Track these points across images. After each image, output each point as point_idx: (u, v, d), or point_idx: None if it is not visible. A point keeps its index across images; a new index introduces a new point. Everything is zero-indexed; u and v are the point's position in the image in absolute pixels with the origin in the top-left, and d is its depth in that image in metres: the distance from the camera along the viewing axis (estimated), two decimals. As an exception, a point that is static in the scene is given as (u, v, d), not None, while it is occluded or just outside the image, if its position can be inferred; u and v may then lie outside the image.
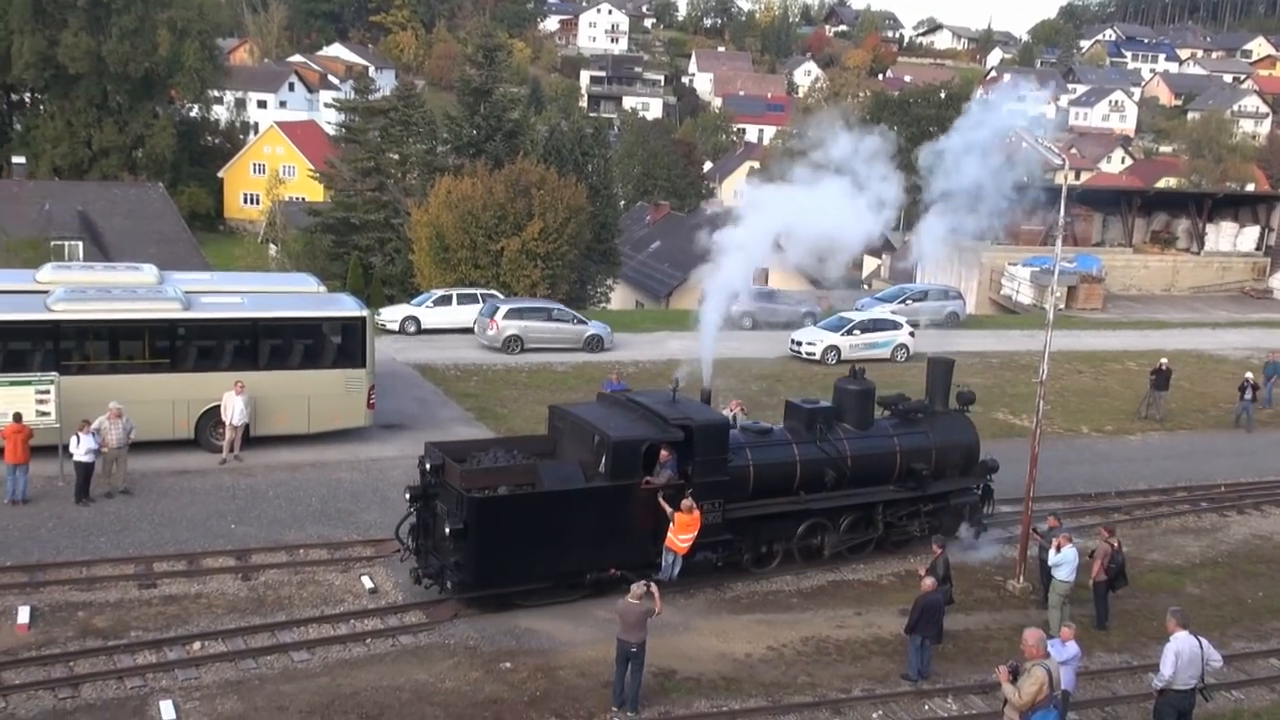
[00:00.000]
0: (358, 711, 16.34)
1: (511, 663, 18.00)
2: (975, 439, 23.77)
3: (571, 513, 19.33)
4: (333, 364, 27.48)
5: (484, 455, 20.23)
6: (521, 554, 19.08)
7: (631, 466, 19.67)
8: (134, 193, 63.18)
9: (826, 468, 21.85)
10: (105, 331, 26.03)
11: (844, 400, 22.98)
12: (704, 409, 21.41)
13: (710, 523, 20.12)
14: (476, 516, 18.60)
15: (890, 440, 22.88)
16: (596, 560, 19.68)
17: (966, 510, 23.37)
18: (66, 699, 16.22)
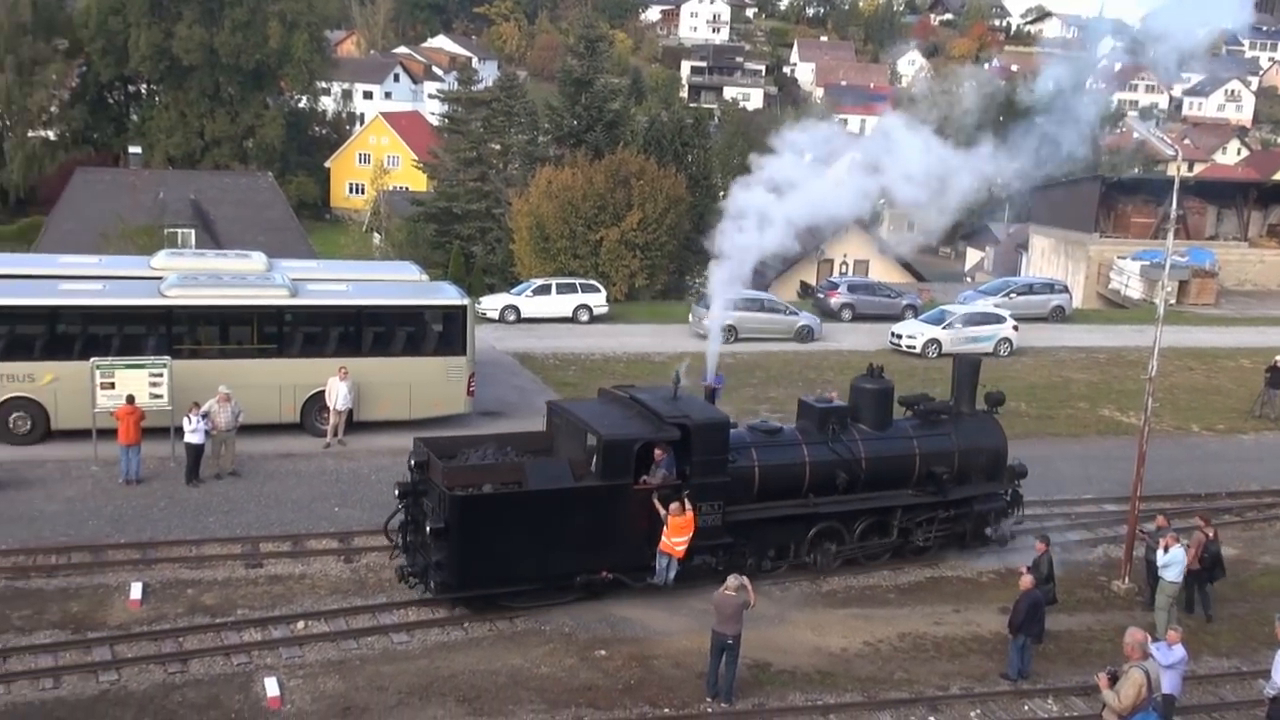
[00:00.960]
0: (455, 694, 16.57)
1: (606, 650, 18.09)
2: (1003, 442, 22.60)
3: (560, 513, 18.62)
4: (434, 351, 27.88)
5: (474, 452, 19.61)
6: (506, 554, 18.39)
7: (624, 466, 18.83)
8: (244, 182, 64.66)
9: (838, 470, 20.87)
10: (215, 317, 26.71)
11: (860, 399, 22.02)
12: (705, 407, 20.49)
13: (709, 525, 19.34)
14: (458, 515, 17.98)
15: (909, 442, 21.81)
16: (588, 562, 18.92)
17: (991, 517, 22.21)
18: (176, 673, 16.72)
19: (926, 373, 37.43)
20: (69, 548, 20.52)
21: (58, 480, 23.70)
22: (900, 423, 22.28)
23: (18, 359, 25.20)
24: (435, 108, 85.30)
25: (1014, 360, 39.91)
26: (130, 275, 28.36)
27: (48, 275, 27.77)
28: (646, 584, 19.16)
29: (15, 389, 25.17)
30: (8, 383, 25.10)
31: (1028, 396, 34.76)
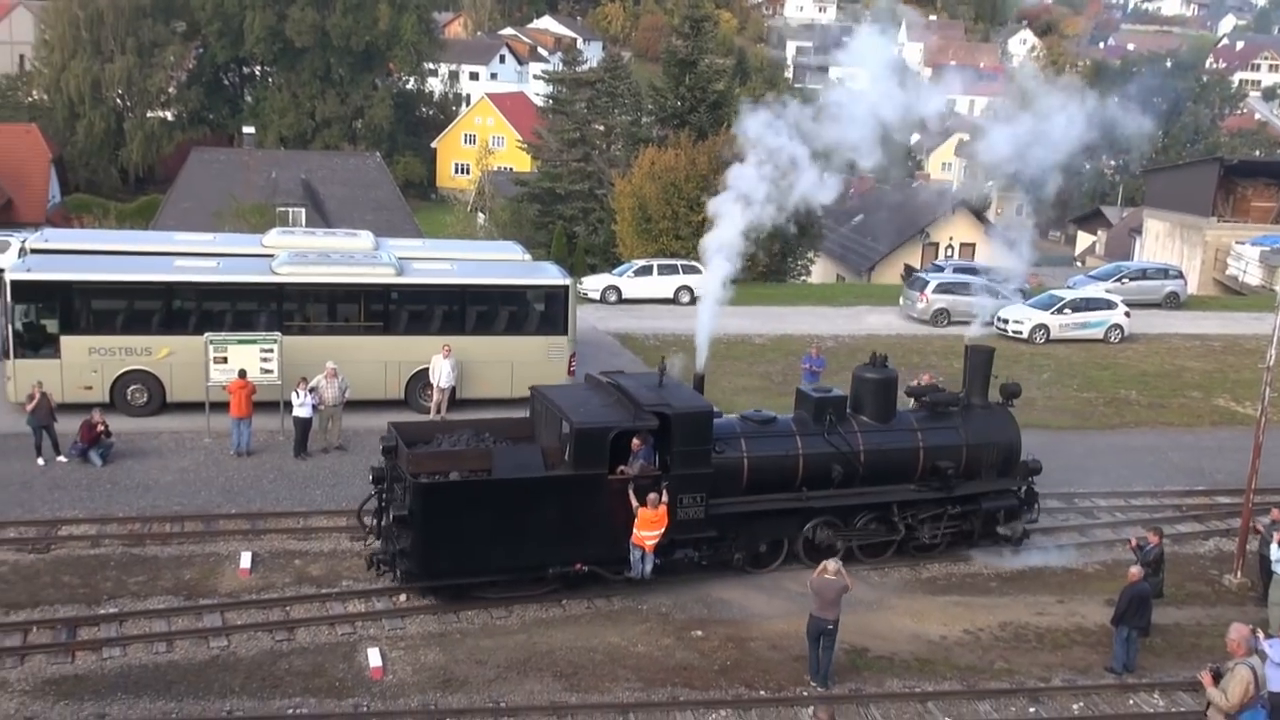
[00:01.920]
0: (552, 669, 16.75)
1: (703, 631, 18.13)
2: (1016, 437, 21.49)
3: (530, 502, 17.99)
4: (536, 331, 28.14)
5: (447, 438, 19.21)
6: (473, 544, 17.85)
7: (598, 455, 18.09)
8: (353, 162, 65.86)
9: (834, 463, 19.92)
10: (324, 294, 27.27)
11: (862, 389, 21.02)
12: (689, 395, 19.63)
13: (691, 518, 18.70)
14: (422, 503, 17.53)
15: (912, 435, 20.75)
16: (561, 554, 18.28)
17: (1001, 515, 21.09)
18: (282, 641, 17.16)
19: (1032, 359, 36.73)
20: (182, 517, 21.18)
21: (172, 451, 24.45)
22: (905, 414, 21.31)
23: (136, 333, 26.02)
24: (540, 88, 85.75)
25: (1125, 347, 38.93)
26: (243, 253, 29.10)
27: (164, 252, 28.60)
28: (625, 578, 18.53)
29: (133, 362, 26.00)
30: (126, 356, 25.93)
31: (1139, 385, 33.90)
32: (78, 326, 25.78)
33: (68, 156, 76.93)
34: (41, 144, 65.26)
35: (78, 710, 15.15)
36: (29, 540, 19.89)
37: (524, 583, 18.56)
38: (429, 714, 15.44)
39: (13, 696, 15.37)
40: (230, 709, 15.37)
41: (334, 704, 15.63)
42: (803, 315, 42.40)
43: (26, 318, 25.75)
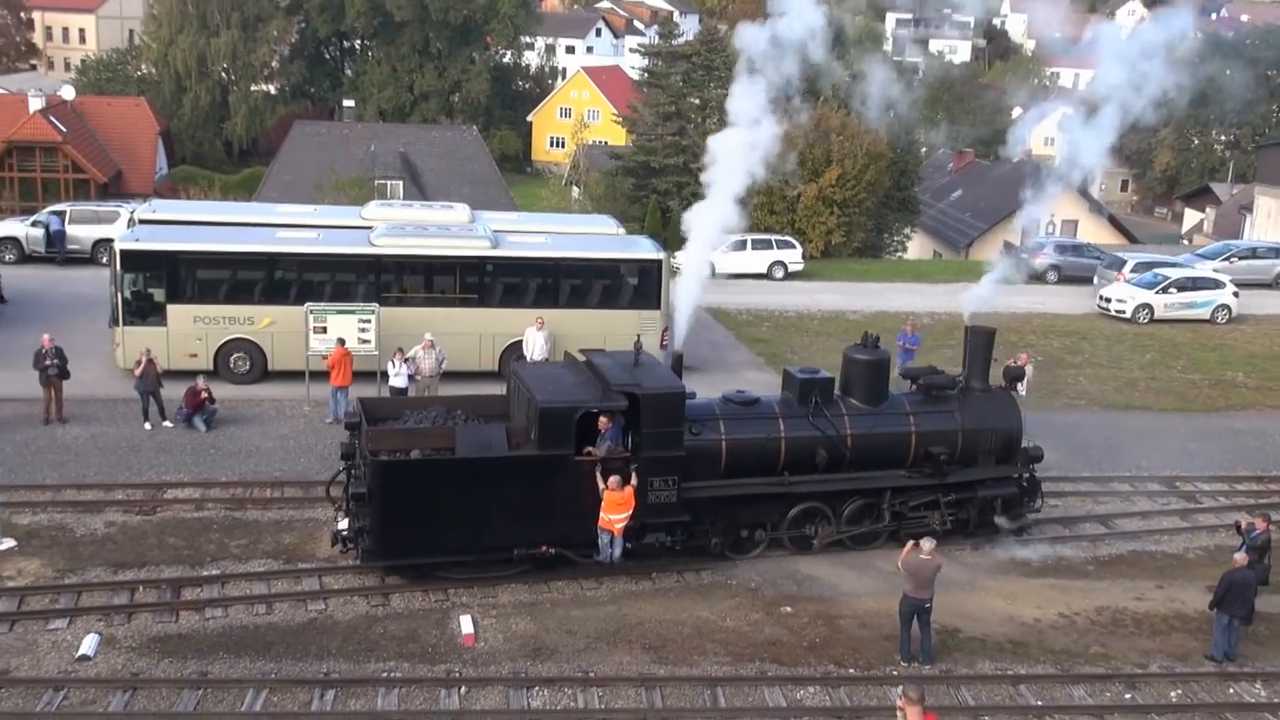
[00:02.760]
0: (641, 641, 16.85)
1: (792, 608, 18.09)
2: (1017, 423, 20.55)
3: (493, 483, 17.56)
4: (629, 304, 28.21)
5: (416, 415, 18.88)
6: (434, 524, 17.46)
7: (563, 436, 17.59)
8: (450, 135, 66.40)
9: (818, 447, 19.20)
10: (421, 266, 27.62)
11: (851, 371, 20.24)
12: (663, 375, 18.97)
13: (660, 502, 18.16)
14: (381, 481, 17.17)
15: (904, 419, 19.99)
16: (526, 536, 17.87)
17: (998, 504, 20.31)
18: (378, 606, 17.50)
19: (1136, 339, 35.90)
20: (282, 482, 21.67)
21: (273, 418, 25.00)
22: (898, 397, 20.45)
23: (239, 303, 26.62)
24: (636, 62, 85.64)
25: (1232, 328, 37.84)
26: (342, 225, 29.56)
27: (267, 224, 29.17)
28: (594, 561, 18.10)
29: (236, 331, 26.61)
30: (229, 325, 26.55)
31: (1246, 366, 32.94)
32: (183, 295, 26.46)
33: (175, 129, 78.70)
34: (150, 117, 66.89)
35: (181, 667, 15.63)
36: (136, 502, 20.52)
37: (492, 564, 18.13)
38: (519, 681, 15.64)
39: (120, 653, 15.90)
40: (327, 671, 15.72)
41: (427, 669, 15.91)
42: (898, 291, 41.94)
43: (135, 286, 26.49)
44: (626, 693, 15.57)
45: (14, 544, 18.73)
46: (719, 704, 15.41)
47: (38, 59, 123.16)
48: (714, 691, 15.64)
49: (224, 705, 14.84)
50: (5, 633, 16.21)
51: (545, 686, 15.57)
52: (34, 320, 30.23)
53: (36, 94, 62.09)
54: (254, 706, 14.78)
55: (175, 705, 14.76)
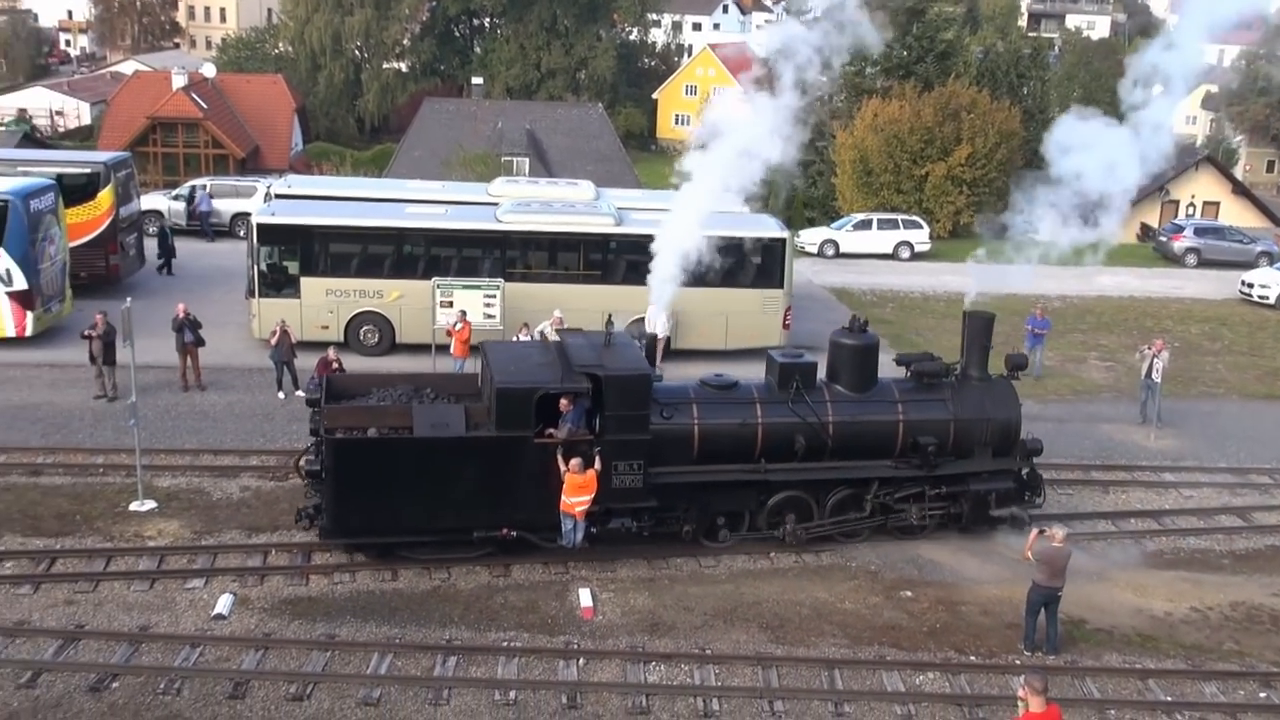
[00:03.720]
0: (758, 620, 16.84)
1: (912, 592, 17.88)
2: (1015, 414, 19.44)
3: (450, 464, 17.18)
4: (752, 283, 28.11)
5: (382, 392, 18.53)
6: (390, 504, 17.13)
7: (521, 417, 17.09)
8: (575, 112, 66.84)
9: (797, 434, 18.40)
10: (546, 243, 27.89)
11: (838, 356, 19.36)
12: (631, 358, 18.18)
13: (625, 487, 17.63)
14: (334, 459, 16.92)
15: (891, 407, 19.00)
16: (486, 519, 17.48)
17: (993, 499, 19.22)
18: (499, 577, 17.79)
19: (1279, 327, 34.55)
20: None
21: (400, 390, 25.49)
22: (888, 384, 19.42)
23: (369, 276, 27.22)
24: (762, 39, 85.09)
25: (1385, 316, 36.22)
26: (470, 201, 29.98)
27: (397, 199, 29.74)
28: (557, 546, 17.67)
29: (366, 304, 27.23)
30: (360, 298, 27.17)
31: (1399, 357, 31.50)
32: (316, 269, 27.15)
33: (309, 106, 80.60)
34: (286, 94, 68.66)
35: (310, 629, 16.11)
36: (269, 469, 21.17)
37: (455, 545, 17.81)
38: (636, 656, 15.75)
39: (253, 613, 16.45)
40: (449, 638, 16.04)
41: (546, 639, 16.13)
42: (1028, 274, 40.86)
43: (270, 259, 27.27)
44: (743, 671, 15.58)
45: (155, 505, 19.51)
46: (836, 686, 15.32)
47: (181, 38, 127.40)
48: (831, 673, 15.56)
49: (350, 667, 15.25)
50: (146, 590, 16.89)
51: (662, 662, 15.67)
52: (175, 290, 31.35)
53: (179, 72, 64.22)
54: (379, 669, 15.16)
55: (304, 665, 15.22)
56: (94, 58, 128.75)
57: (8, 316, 26.89)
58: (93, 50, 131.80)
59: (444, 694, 14.74)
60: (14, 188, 27.14)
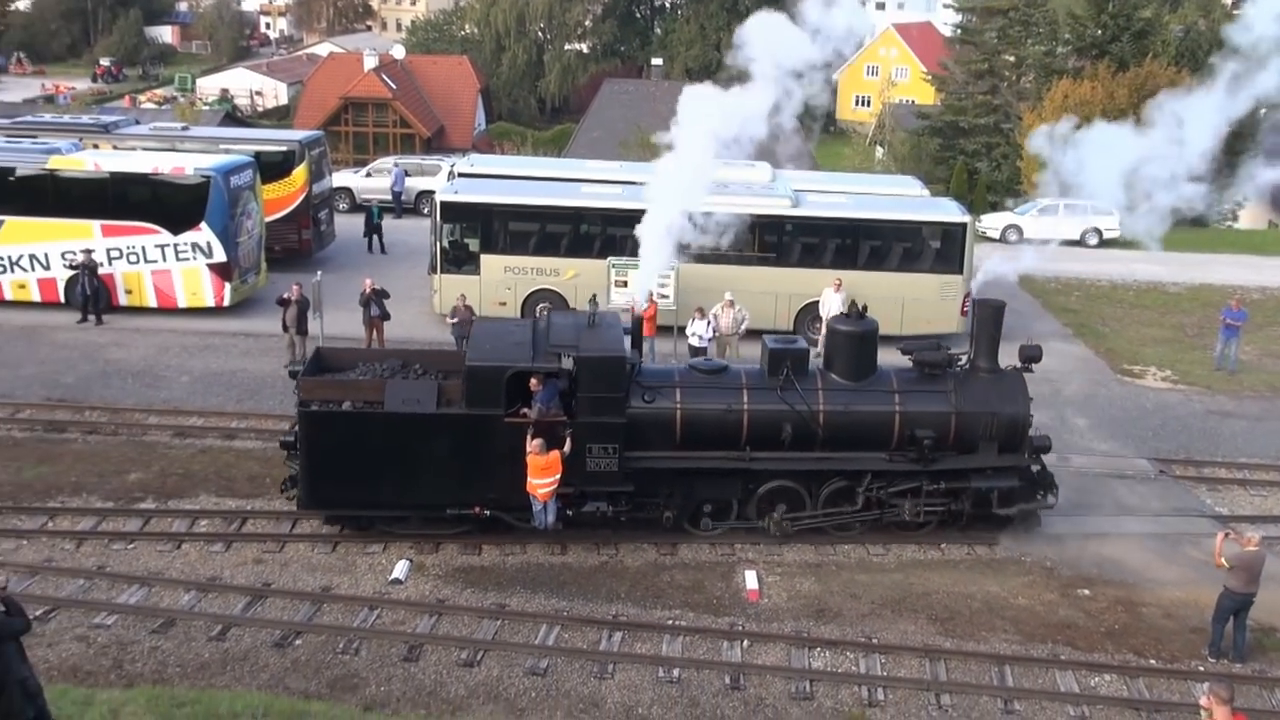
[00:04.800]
0: (927, 612, 16.56)
1: (1090, 590, 17.31)
2: (1024, 408, 18.41)
3: (420, 440, 17.15)
4: (930, 268, 27.55)
5: (368, 366, 18.48)
6: (360, 478, 17.24)
7: (490, 395, 16.97)
8: (754, 93, 66.42)
9: (784, 422, 17.78)
10: (720, 224, 27.79)
11: (833, 344, 18.66)
12: (610, 339, 17.79)
13: (599, 470, 17.31)
14: (306, 431, 17.18)
15: (888, 397, 18.18)
16: (458, 496, 17.44)
17: (995, 497, 18.29)
18: (666, 555, 17.96)
19: None
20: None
21: (574, 367, 25.86)
22: (886, 374, 18.59)
23: (547, 254, 27.67)
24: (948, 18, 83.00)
25: None
26: (646, 181, 30.09)
27: (575, 179, 30.12)
28: (529, 527, 17.54)
29: (542, 282, 27.69)
30: (536, 276, 27.65)
31: None
32: (496, 246, 27.74)
33: (493, 86, 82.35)
34: (471, 75, 70.28)
35: (481, 598, 16.53)
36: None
37: (431, 521, 17.88)
38: (801, 641, 15.68)
39: (429, 580, 16.97)
40: (616, 613, 16.25)
41: (711, 620, 16.19)
42: (1225, 264, 39.08)
43: (452, 236, 27.98)
44: (910, 662, 15.35)
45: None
46: (1006, 682, 14.96)
47: (373, 20, 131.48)
48: (1001, 669, 15.19)
49: (519, 637, 15.60)
50: (328, 553, 17.60)
51: (827, 648, 15.56)
52: (361, 265, 32.48)
53: (371, 54, 66.38)
54: (546, 640, 15.47)
55: (475, 632, 15.64)
56: (292, 40, 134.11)
57: (207, 287, 28.30)
58: (291, 33, 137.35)
59: (609, 668, 14.95)
60: (215, 165, 28.50)
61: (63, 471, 19.88)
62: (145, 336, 26.94)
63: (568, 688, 14.60)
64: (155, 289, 28.28)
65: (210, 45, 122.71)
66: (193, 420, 22.39)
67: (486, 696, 14.39)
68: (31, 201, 28.05)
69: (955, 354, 18.82)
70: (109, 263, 27.89)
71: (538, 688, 14.58)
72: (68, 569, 16.83)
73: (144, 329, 27.33)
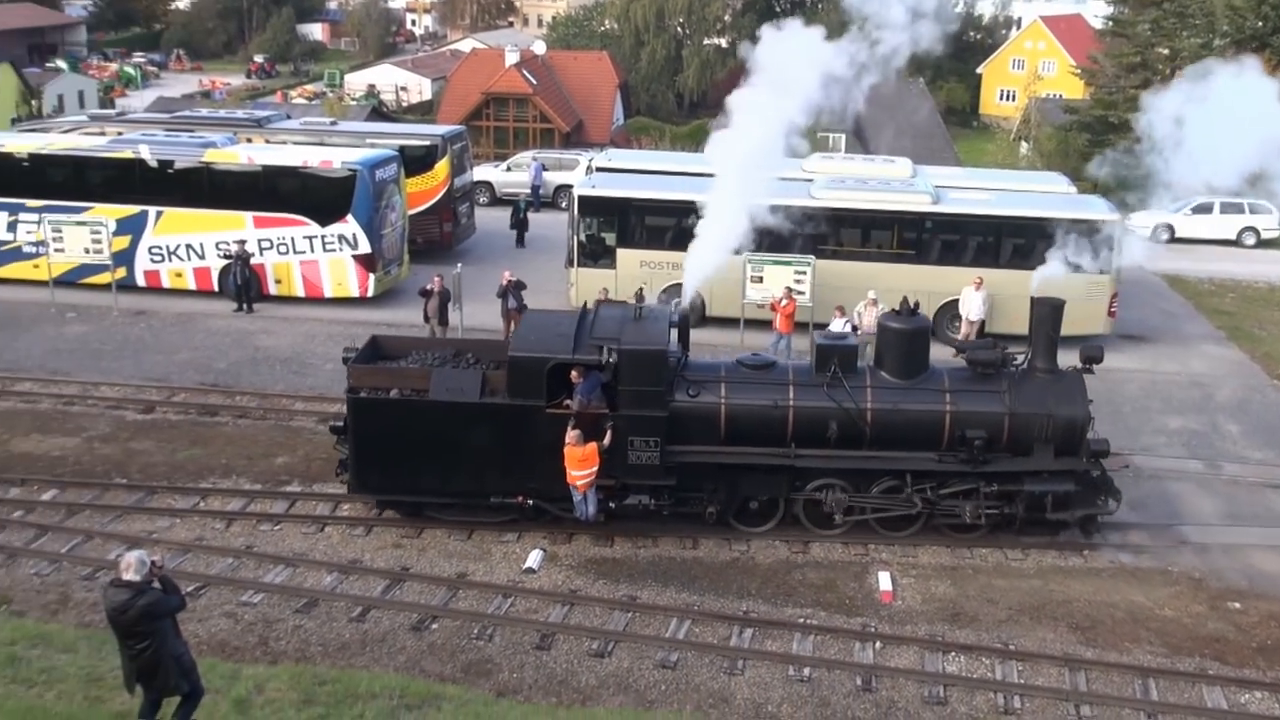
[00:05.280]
0: (1068, 620, 16.13)
1: (1241, 604, 16.67)
2: (1082, 411, 17.69)
3: (464, 428, 17.33)
4: (1075, 267, 26.73)
5: (425, 355, 18.65)
6: (405, 464, 17.56)
7: (532, 386, 17.09)
8: (896, 87, 65.54)
9: (830, 420, 17.45)
10: (859, 220, 27.54)
11: (884, 341, 18.25)
12: (653, 332, 17.64)
13: (641, 463, 17.24)
14: (354, 417, 17.53)
15: (938, 397, 17.69)
16: (501, 485, 17.63)
17: (1049, 501, 17.59)
18: (797, 553, 17.86)
19: None
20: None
21: (708, 362, 25.83)
22: (938, 372, 18.16)
23: (682, 249, 27.51)
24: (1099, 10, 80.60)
25: None
26: (784, 176, 29.90)
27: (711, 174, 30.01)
28: (572, 517, 17.65)
29: (678, 276, 27.55)
30: (672, 270, 27.65)
31: None
32: (632, 240, 27.89)
33: (631, 82, 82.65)
34: (611, 70, 70.68)
35: (613, 589, 16.66)
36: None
37: (478, 510, 18.03)
38: (935, 644, 15.43)
39: (561, 570, 17.17)
40: (746, 609, 16.22)
41: (843, 620, 16.05)
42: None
43: (589, 230, 28.20)
44: (1048, 671, 14.98)
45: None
46: (1150, 696, 14.49)
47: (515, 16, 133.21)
48: (1145, 682, 14.72)
49: (650, 629, 15.67)
50: (464, 540, 17.92)
51: (962, 653, 15.28)
52: (500, 257, 32.98)
53: (512, 49, 67.26)
54: (677, 634, 15.51)
55: (606, 623, 15.76)
56: (436, 36, 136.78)
57: (352, 277, 29.07)
58: (435, 29, 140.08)
59: (739, 664, 14.93)
60: (362, 159, 29.25)
61: (214, 454, 20.65)
62: (292, 325, 27.80)
63: (697, 682, 14.62)
64: (303, 279, 29.16)
65: (358, 42, 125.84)
66: (337, 407, 22.99)
67: (617, 687, 14.49)
68: (188, 193, 29.18)
69: (1012, 353, 18.45)
70: (260, 253, 28.85)
71: (667, 680, 14.63)
72: (217, 548, 17.48)
73: (291, 317, 28.22)
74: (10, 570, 16.70)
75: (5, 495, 18.94)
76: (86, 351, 25.81)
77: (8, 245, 29.78)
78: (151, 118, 38.67)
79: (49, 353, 25.64)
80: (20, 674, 12.82)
